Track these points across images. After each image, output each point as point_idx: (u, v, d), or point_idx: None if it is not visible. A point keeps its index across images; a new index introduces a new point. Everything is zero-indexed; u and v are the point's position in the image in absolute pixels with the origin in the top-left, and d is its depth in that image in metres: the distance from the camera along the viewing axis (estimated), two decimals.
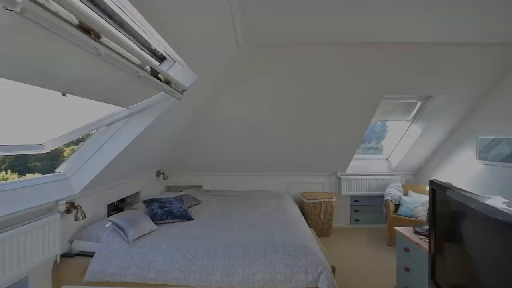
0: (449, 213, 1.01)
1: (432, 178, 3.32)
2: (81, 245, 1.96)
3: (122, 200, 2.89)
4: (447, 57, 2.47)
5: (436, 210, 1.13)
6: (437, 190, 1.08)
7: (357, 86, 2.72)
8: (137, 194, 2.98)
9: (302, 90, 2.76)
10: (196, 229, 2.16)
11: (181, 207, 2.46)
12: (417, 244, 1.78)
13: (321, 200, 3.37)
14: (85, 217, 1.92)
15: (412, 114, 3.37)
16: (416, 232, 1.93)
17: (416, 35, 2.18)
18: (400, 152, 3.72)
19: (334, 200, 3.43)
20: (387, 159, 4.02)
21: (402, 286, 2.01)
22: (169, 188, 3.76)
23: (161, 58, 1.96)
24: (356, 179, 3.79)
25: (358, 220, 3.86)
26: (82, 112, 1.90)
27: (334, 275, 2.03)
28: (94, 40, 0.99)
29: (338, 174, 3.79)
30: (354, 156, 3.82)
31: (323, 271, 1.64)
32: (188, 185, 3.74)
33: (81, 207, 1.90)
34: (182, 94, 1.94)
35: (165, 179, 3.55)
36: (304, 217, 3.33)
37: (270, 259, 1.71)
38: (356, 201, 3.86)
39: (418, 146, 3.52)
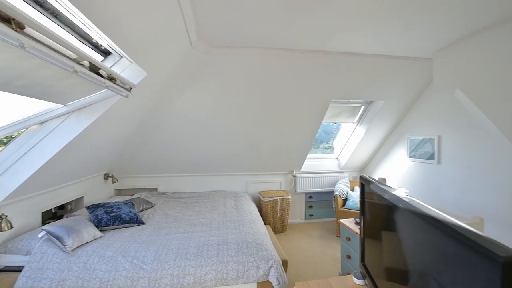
0: (372, 204, 1.17)
1: (374, 174, 3.71)
2: (6, 259, 1.71)
3: (62, 207, 2.61)
4: (383, 68, 2.80)
5: (364, 201, 1.29)
6: (365, 184, 1.23)
7: (308, 90, 2.91)
8: (80, 199, 2.71)
9: (258, 92, 2.84)
10: (147, 233, 2.07)
11: (131, 211, 2.32)
12: (356, 233, 1.99)
13: (278, 198, 3.51)
14: (11, 227, 1.69)
15: (357, 117, 3.73)
16: (356, 223, 2.15)
17: (358, 47, 2.42)
18: (348, 151, 4.09)
19: (290, 197, 3.61)
20: (337, 158, 4.38)
21: (344, 272, 2.22)
22: (119, 192, 3.51)
23: (106, 53, 1.84)
24: (310, 176, 4.04)
25: (312, 215, 4.12)
26: (8, 108, 1.68)
27: (286, 268, 2.16)
28: (16, 30, 0.90)
29: (294, 172, 3.99)
30: (308, 156, 4.07)
31: (273, 265, 1.73)
32: (141, 188, 3.54)
33: (6, 216, 1.67)
34: (129, 91, 1.84)
35: (115, 182, 3.30)
36: (262, 214, 3.44)
37: (223, 258, 1.73)
38: (310, 197, 4.11)
39: (362, 145, 3.90)
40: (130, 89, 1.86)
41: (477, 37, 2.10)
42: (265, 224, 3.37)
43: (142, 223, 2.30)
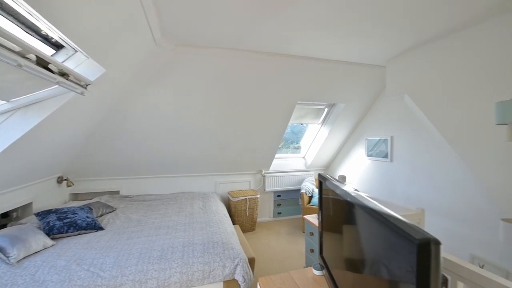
0: (328, 199, 1.26)
1: (337, 172, 3.94)
2: None
3: (6, 215, 2.33)
4: (344, 73, 3.00)
5: (322, 197, 1.38)
6: (322, 181, 1.32)
7: (275, 92, 2.99)
8: (28, 206, 2.45)
9: (226, 92, 2.84)
10: (106, 239, 1.96)
11: (88, 217, 2.17)
12: (318, 227, 2.11)
13: (247, 197, 3.55)
14: None
15: (321, 119, 3.94)
16: (318, 218, 2.28)
17: (320, 52, 2.56)
18: (314, 151, 4.29)
19: (258, 196, 3.67)
20: (304, 157, 4.57)
21: (308, 266, 2.34)
22: (75, 197, 3.24)
23: (59, 46, 1.69)
24: (278, 176, 4.16)
25: (280, 213, 4.24)
26: None
27: (253, 265, 2.21)
28: None
29: (263, 172, 4.07)
30: (276, 155, 4.19)
31: (239, 263, 1.76)
32: (101, 192, 3.31)
33: None
34: (85, 88, 1.72)
35: (70, 186, 3.04)
36: (231, 214, 3.46)
37: (188, 259, 1.71)
38: (278, 196, 4.23)
39: (326, 145, 4.13)
40: (86, 85, 1.74)
41: (422, 48, 2.37)
42: (234, 223, 3.40)
43: (101, 228, 2.17)
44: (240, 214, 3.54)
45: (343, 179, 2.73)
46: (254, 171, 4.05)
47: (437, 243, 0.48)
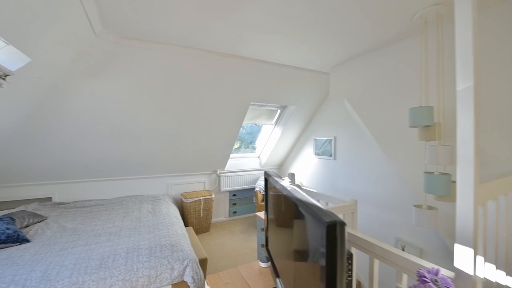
0: (271, 195, 1.34)
1: (290, 171, 4.16)
2: None
3: None
4: (294, 77, 3.20)
5: (268, 193, 1.46)
6: (267, 178, 1.40)
7: (229, 92, 3.02)
8: None
9: (178, 90, 2.76)
10: (33, 252, 1.72)
11: (8, 228, 1.87)
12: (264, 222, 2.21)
13: (201, 198, 3.49)
14: None
15: (274, 120, 4.11)
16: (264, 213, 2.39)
17: (271, 56, 2.67)
18: (268, 150, 4.45)
19: (213, 196, 3.65)
20: (258, 157, 4.70)
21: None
22: None
23: None
24: (233, 175, 4.20)
25: (236, 212, 4.28)
26: None
27: (205, 265, 2.19)
28: None
29: (218, 172, 4.06)
30: (231, 155, 4.22)
31: (189, 264, 1.74)
32: (28, 199, 2.87)
33: None
34: (4, 79, 1.49)
35: None
36: (184, 216, 3.37)
37: (132, 265, 1.62)
38: (234, 195, 4.27)
39: (279, 145, 4.33)
40: (5, 76, 1.50)
41: (357, 60, 2.68)
42: (187, 225, 3.32)
43: (26, 240, 1.89)
44: (194, 215, 3.47)
45: (292, 176, 2.91)
46: (209, 171, 4.01)
47: (342, 224, 0.57)
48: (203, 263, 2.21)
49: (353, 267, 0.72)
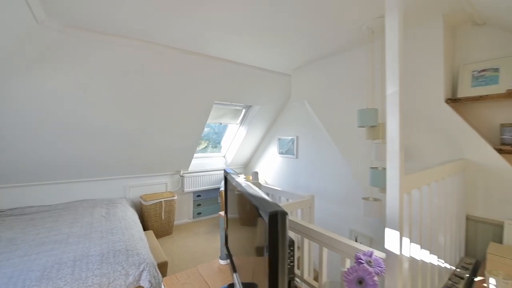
0: (230, 192, 1.36)
1: (254, 169, 4.22)
2: None
3: None
4: (258, 77, 3.26)
5: (227, 191, 1.48)
6: (227, 177, 1.42)
7: (192, 90, 2.96)
8: None
9: (137, 87, 2.61)
10: None
11: None
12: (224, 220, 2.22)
13: (162, 200, 3.36)
14: None
15: (240, 119, 4.14)
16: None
17: (235, 56, 2.69)
18: (233, 150, 4.46)
19: (176, 198, 3.53)
20: (224, 156, 4.68)
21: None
22: None
23: None
24: (198, 175, 4.12)
25: (200, 213, 4.21)
26: None
27: (165, 269, 2.12)
28: None
29: (181, 172, 3.94)
30: (196, 155, 4.14)
31: (146, 268, 1.67)
32: None
33: None
34: None
35: None
36: (144, 220, 3.20)
37: (80, 274, 1.50)
38: (198, 196, 4.19)
39: (245, 144, 4.37)
40: None
41: (315, 63, 2.85)
42: (148, 229, 3.17)
43: None
44: (155, 218, 3.32)
45: (255, 175, 2.96)
46: (172, 171, 3.87)
47: (283, 214, 0.62)
48: (162, 266, 2.13)
49: (294, 253, 0.78)
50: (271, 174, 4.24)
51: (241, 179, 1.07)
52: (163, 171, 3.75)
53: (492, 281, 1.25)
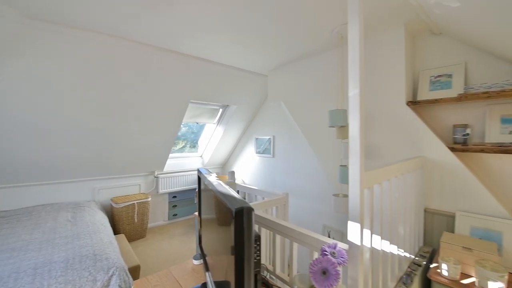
0: (203, 191, 1.36)
1: (232, 169, 4.21)
2: None
3: None
4: (235, 77, 3.26)
5: (201, 191, 1.47)
6: (199, 175, 1.41)
7: (167, 89, 2.88)
8: None
9: (107, 84, 2.48)
10: None
11: None
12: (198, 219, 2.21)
13: (135, 202, 3.23)
14: None
15: (217, 118, 4.11)
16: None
17: (211, 55, 2.67)
18: (210, 149, 4.42)
19: (149, 199, 3.42)
20: (201, 156, 4.62)
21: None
22: None
23: None
24: (174, 176, 4.02)
25: (176, 214, 4.11)
26: None
27: (138, 273, 2.06)
28: None
29: (156, 173, 3.82)
30: (171, 155, 4.04)
31: (115, 273, 1.60)
32: None
33: None
34: None
35: None
36: (115, 223, 3.07)
37: (42, 283, 1.40)
38: (174, 196, 4.09)
39: (222, 144, 4.35)
40: None
41: (291, 65, 2.92)
42: (119, 233, 3.04)
43: None
44: (127, 221, 3.19)
45: (231, 174, 2.97)
46: (146, 172, 3.74)
47: (249, 209, 0.64)
48: (135, 270, 2.06)
49: (261, 247, 0.81)
50: (249, 173, 4.26)
51: (212, 178, 1.08)
52: (136, 171, 3.61)
53: (444, 266, 1.39)
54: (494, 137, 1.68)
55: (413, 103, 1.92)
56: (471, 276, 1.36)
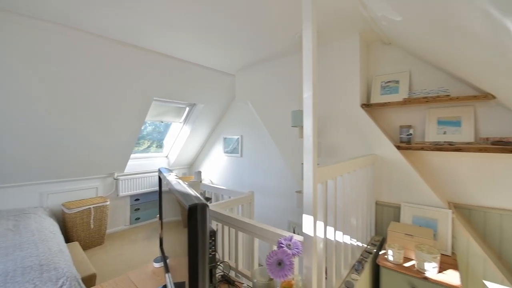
0: (164, 192, 1.33)
1: (200, 169, 4.12)
2: None
3: None
4: (202, 75, 3.21)
5: (161, 191, 1.43)
6: (159, 175, 1.37)
7: (127, 85, 2.72)
8: None
9: (58, 78, 2.26)
10: None
11: None
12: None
13: (91, 206, 2.99)
14: None
15: (183, 117, 4.00)
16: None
17: (177, 52, 2.60)
18: (177, 149, 4.28)
19: (108, 203, 3.19)
20: (166, 156, 4.45)
21: None
22: None
23: None
24: (136, 177, 3.81)
25: (139, 218, 3.90)
26: None
27: (94, 281, 1.92)
28: None
29: (116, 175, 3.58)
30: (134, 156, 3.82)
31: (66, 283, 1.47)
32: None
33: None
34: None
35: None
36: (67, 230, 2.82)
37: None
38: (136, 199, 3.87)
39: (189, 144, 4.24)
40: None
41: (257, 65, 2.98)
42: (72, 240, 2.80)
43: None
44: (82, 228, 2.94)
45: (198, 174, 2.92)
46: (104, 174, 3.48)
47: (203, 206, 0.65)
48: (90, 279, 1.92)
49: (216, 243, 0.82)
50: (217, 173, 4.23)
51: (171, 177, 1.06)
52: (93, 174, 3.34)
53: (390, 252, 1.55)
54: (432, 136, 1.92)
55: (367, 106, 2.10)
56: (412, 260, 1.54)
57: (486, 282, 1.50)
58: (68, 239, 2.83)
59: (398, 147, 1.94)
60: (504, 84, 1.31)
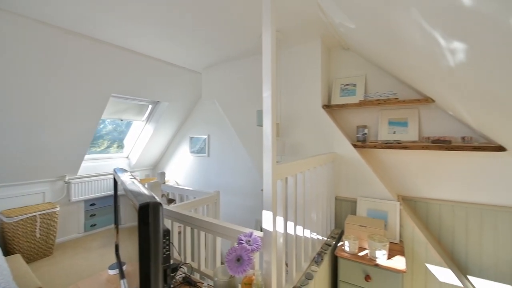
0: (119, 195, 1.24)
1: (165, 170, 3.94)
2: None
3: None
4: (166, 72, 3.08)
5: (117, 194, 1.34)
6: (115, 177, 1.28)
7: (81, 79, 2.49)
8: None
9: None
10: None
11: None
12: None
13: (36, 213, 2.67)
14: None
15: (146, 116, 3.80)
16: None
17: (139, 46, 2.45)
18: (139, 149, 4.04)
19: (58, 209, 2.89)
20: (127, 157, 4.17)
21: None
22: None
23: None
24: (91, 180, 3.50)
25: (95, 224, 3.60)
26: None
27: None
28: None
29: (67, 178, 3.25)
30: (88, 156, 3.52)
31: None
32: None
33: None
34: None
35: None
36: (7, 241, 2.50)
37: None
38: (92, 204, 3.56)
39: (152, 144, 4.04)
40: None
41: (224, 64, 2.95)
42: (13, 253, 2.48)
43: None
44: (25, 238, 2.61)
45: (161, 175, 2.80)
46: (53, 177, 3.13)
47: (156, 204, 0.62)
48: None
49: (170, 242, 0.80)
50: (183, 174, 4.10)
51: (125, 177, 1.00)
52: (39, 177, 2.98)
53: (346, 243, 1.66)
54: (384, 136, 2.10)
55: (327, 107, 2.22)
56: (365, 249, 1.67)
57: (428, 265, 1.70)
58: (8, 251, 2.50)
59: (355, 146, 2.08)
60: (439, 89, 1.49)
